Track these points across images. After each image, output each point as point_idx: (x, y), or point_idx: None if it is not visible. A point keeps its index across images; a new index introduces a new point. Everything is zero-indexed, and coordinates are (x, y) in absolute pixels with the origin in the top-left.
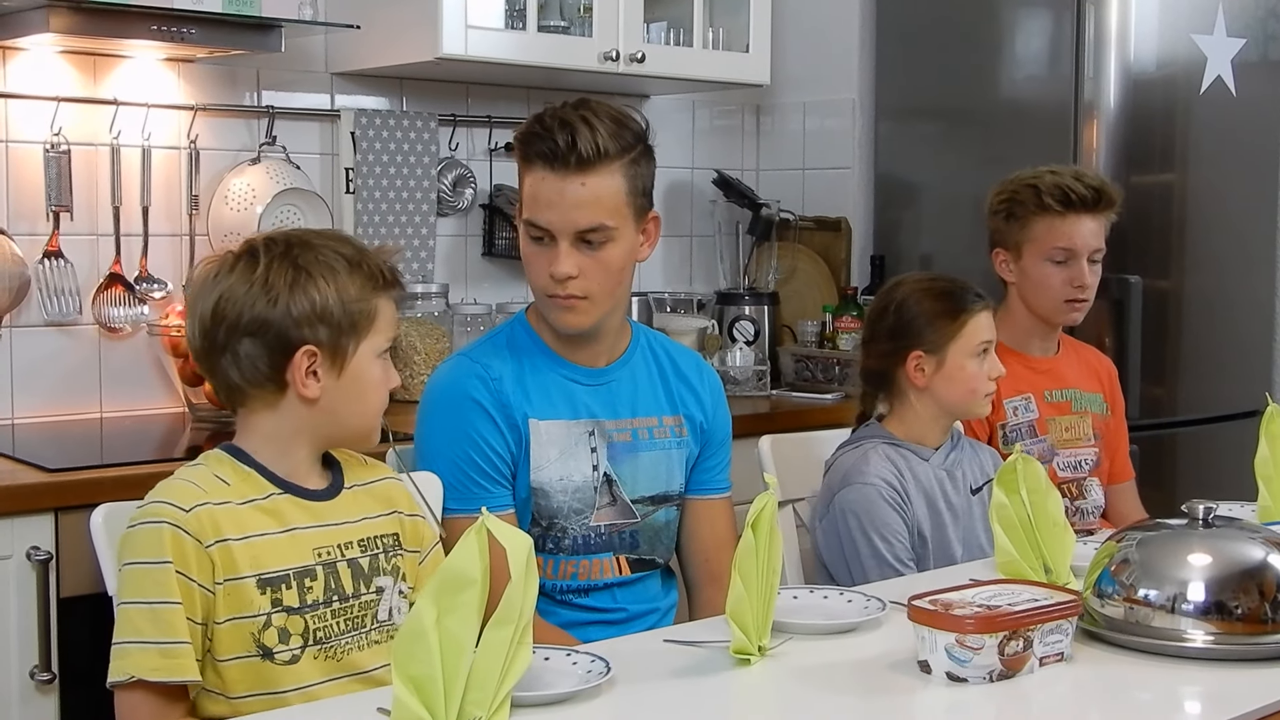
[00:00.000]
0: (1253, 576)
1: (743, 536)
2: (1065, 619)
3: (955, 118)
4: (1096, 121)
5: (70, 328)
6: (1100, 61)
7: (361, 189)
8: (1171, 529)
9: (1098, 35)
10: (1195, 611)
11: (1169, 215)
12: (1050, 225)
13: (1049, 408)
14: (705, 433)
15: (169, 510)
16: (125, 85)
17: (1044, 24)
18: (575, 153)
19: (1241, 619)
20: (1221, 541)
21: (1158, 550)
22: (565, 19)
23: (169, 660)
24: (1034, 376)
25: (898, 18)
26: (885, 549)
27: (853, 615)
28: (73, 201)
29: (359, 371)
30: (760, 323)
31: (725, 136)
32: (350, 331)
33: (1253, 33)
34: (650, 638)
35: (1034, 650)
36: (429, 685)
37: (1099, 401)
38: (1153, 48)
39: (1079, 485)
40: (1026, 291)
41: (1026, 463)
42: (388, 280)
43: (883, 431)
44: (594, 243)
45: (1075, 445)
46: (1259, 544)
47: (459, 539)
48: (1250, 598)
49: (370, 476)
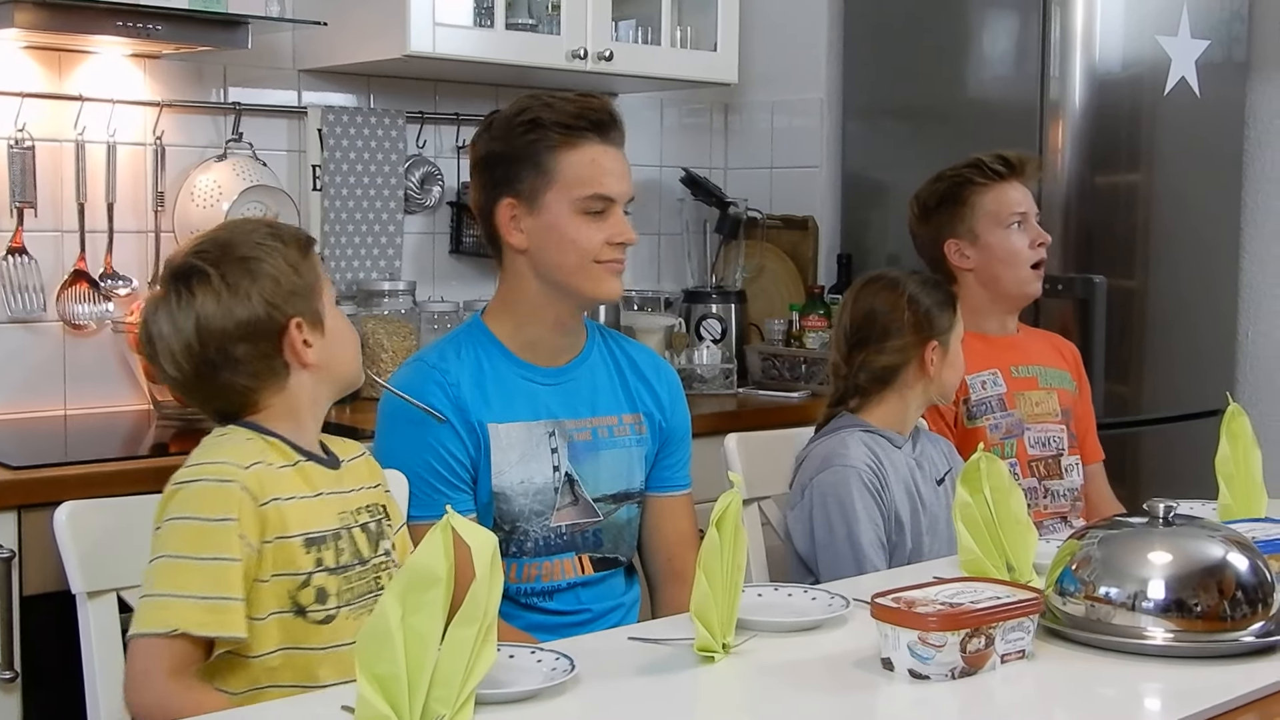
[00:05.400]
0: (1213, 574)
1: (707, 534)
2: (1027, 617)
3: (922, 117)
4: (1062, 122)
5: (34, 324)
6: (1066, 62)
7: (329, 186)
8: (1132, 527)
9: (1063, 36)
10: (1156, 609)
11: (1133, 215)
12: (999, 194)
13: (1016, 382)
14: (665, 430)
15: (232, 470)
16: (90, 81)
17: (1010, 24)
18: (617, 126)
19: (1201, 616)
20: (1182, 540)
21: (1119, 548)
22: (533, 17)
23: (217, 615)
24: (998, 352)
25: (865, 17)
26: (862, 532)
27: (816, 613)
28: (37, 198)
29: (333, 324)
30: (727, 321)
31: (693, 135)
32: (313, 293)
33: (1217, 34)
34: (614, 635)
35: (996, 647)
36: (393, 683)
37: (1066, 378)
38: (1118, 48)
39: (1049, 464)
40: (992, 267)
41: (990, 461)
42: (307, 240)
43: (858, 420)
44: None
45: (1045, 420)
46: (1219, 542)
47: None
48: (1210, 595)
49: (352, 453)
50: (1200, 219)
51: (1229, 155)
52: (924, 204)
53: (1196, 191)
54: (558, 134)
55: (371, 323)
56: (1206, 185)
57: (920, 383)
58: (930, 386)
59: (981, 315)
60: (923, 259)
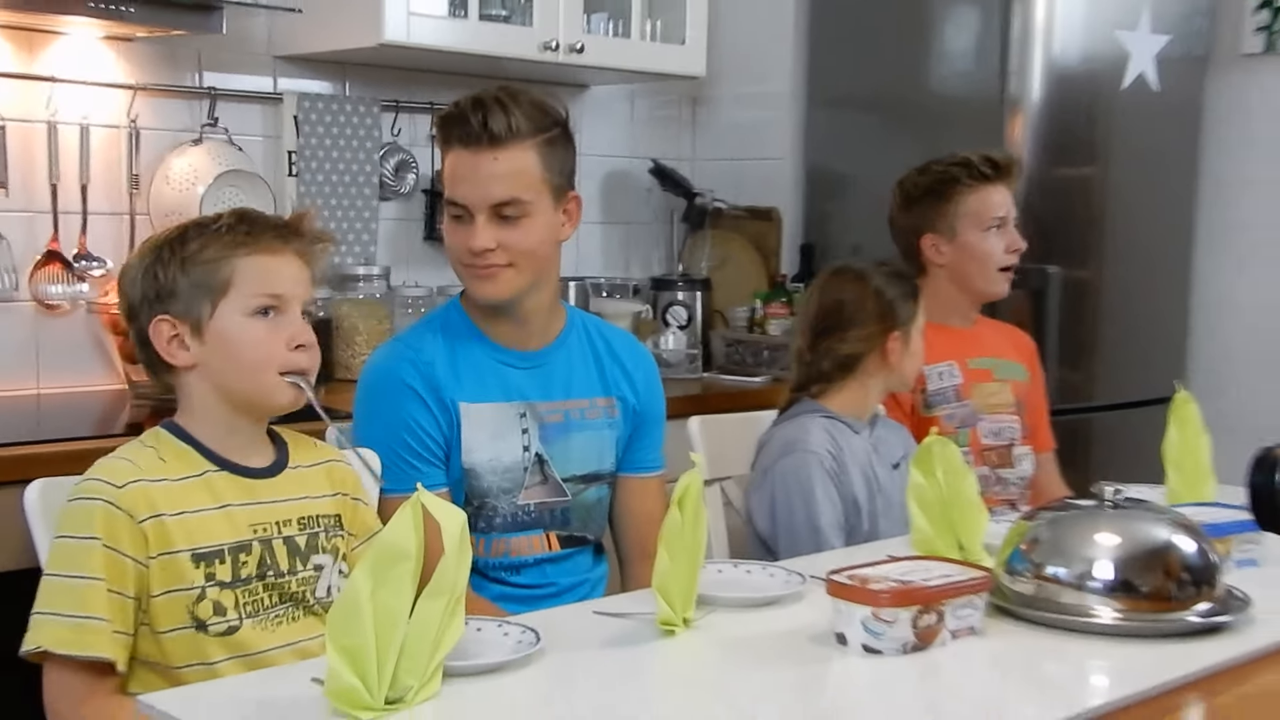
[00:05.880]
0: (1158, 556)
1: (669, 513)
2: (977, 594)
3: (885, 111)
4: (1021, 115)
5: (6, 304)
6: (1026, 57)
7: (304, 172)
8: (1081, 509)
9: (1024, 31)
10: (1103, 589)
11: (1089, 207)
12: (984, 196)
13: (972, 374)
14: (638, 414)
15: (102, 487)
16: (63, 62)
17: (972, 19)
18: (488, 131)
19: (1147, 597)
20: (1129, 522)
21: (1067, 530)
22: (507, 8)
23: (80, 635)
24: (955, 345)
25: (830, 12)
26: (821, 515)
27: (774, 589)
28: (8, 178)
29: (223, 332)
30: (693, 308)
31: (662, 127)
32: (202, 296)
33: (1177, 29)
34: (580, 609)
35: (946, 624)
36: (362, 656)
37: (1020, 370)
38: (1078, 43)
39: (1001, 453)
40: (965, 266)
41: (943, 445)
42: (248, 241)
43: (819, 406)
44: (510, 216)
45: (998, 411)
46: (1165, 525)
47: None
48: (1155, 576)
49: (317, 458)
50: (1155, 212)
51: (1185, 149)
52: (908, 193)
53: (1152, 185)
54: (441, 135)
55: (346, 306)
56: (1162, 179)
57: (881, 371)
58: (891, 375)
59: (946, 309)
60: (896, 245)
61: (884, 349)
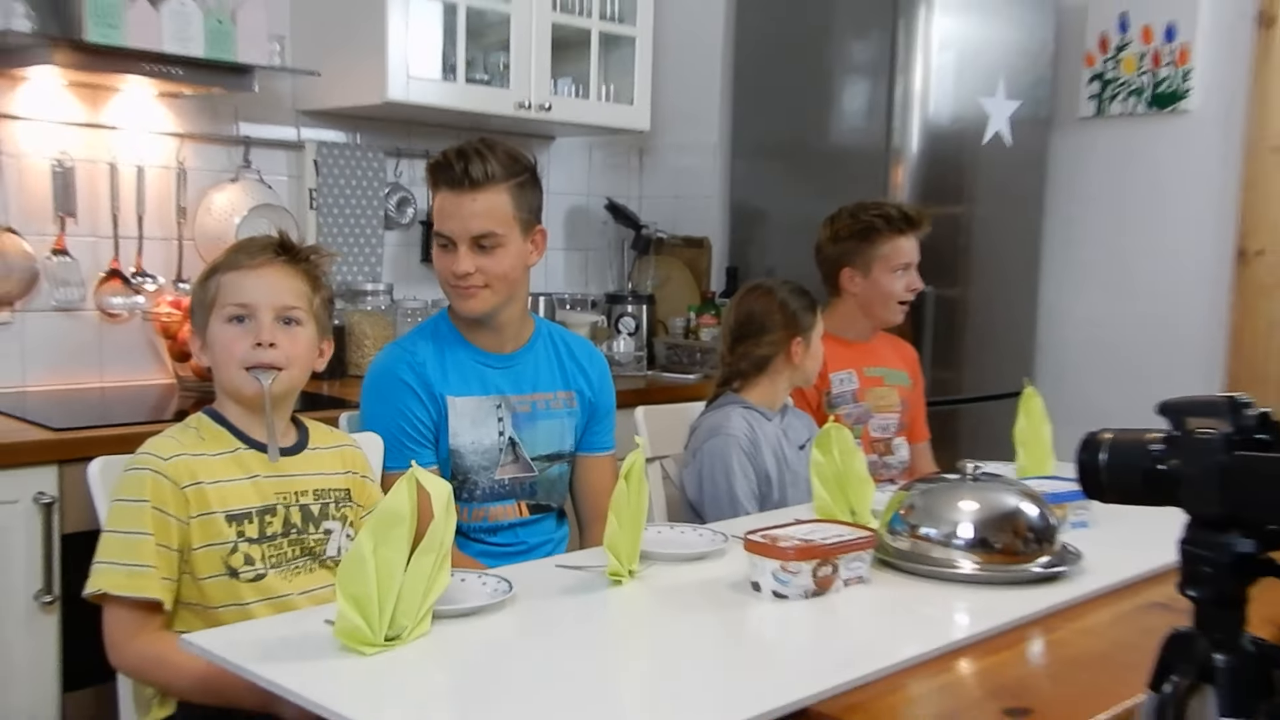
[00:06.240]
0: (1009, 519)
1: (617, 484)
2: (864, 550)
3: (793, 159)
4: (903, 164)
5: (75, 313)
6: (906, 117)
7: (322, 206)
8: (948, 481)
9: (904, 96)
10: (965, 545)
11: (956, 239)
12: (896, 244)
13: (867, 380)
14: (593, 404)
15: (151, 460)
16: (123, 114)
17: (864, 86)
18: (468, 176)
19: (1000, 551)
20: (986, 492)
21: (937, 498)
22: (488, 74)
23: (133, 579)
24: (855, 356)
25: (749, 79)
26: (739, 487)
27: (703, 546)
28: (77, 209)
29: (212, 338)
30: (639, 318)
31: (614, 171)
32: (203, 311)
33: (1026, 96)
34: (545, 563)
35: (840, 574)
36: (366, 602)
37: (904, 377)
38: (947, 107)
39: (887, 443)
40: (871, 299)
41: (839, 430)
42: (229, 263)
43: (739, 399)
44: (487, 246)
45: (886, 411)
46: (1014, 494)
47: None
48: (1007, 535)
49: (333, 442)
50: (1009, 243)
51: (1032, 192)
52: (837, 231)
53: (1007, 221)
54: (431, 179)
55: (357, 315)
56: (1015, 217)
57: (787, 370)
58: (795, 373)
59: (850, 327)
60: (819, 270)
61: (789, 351)
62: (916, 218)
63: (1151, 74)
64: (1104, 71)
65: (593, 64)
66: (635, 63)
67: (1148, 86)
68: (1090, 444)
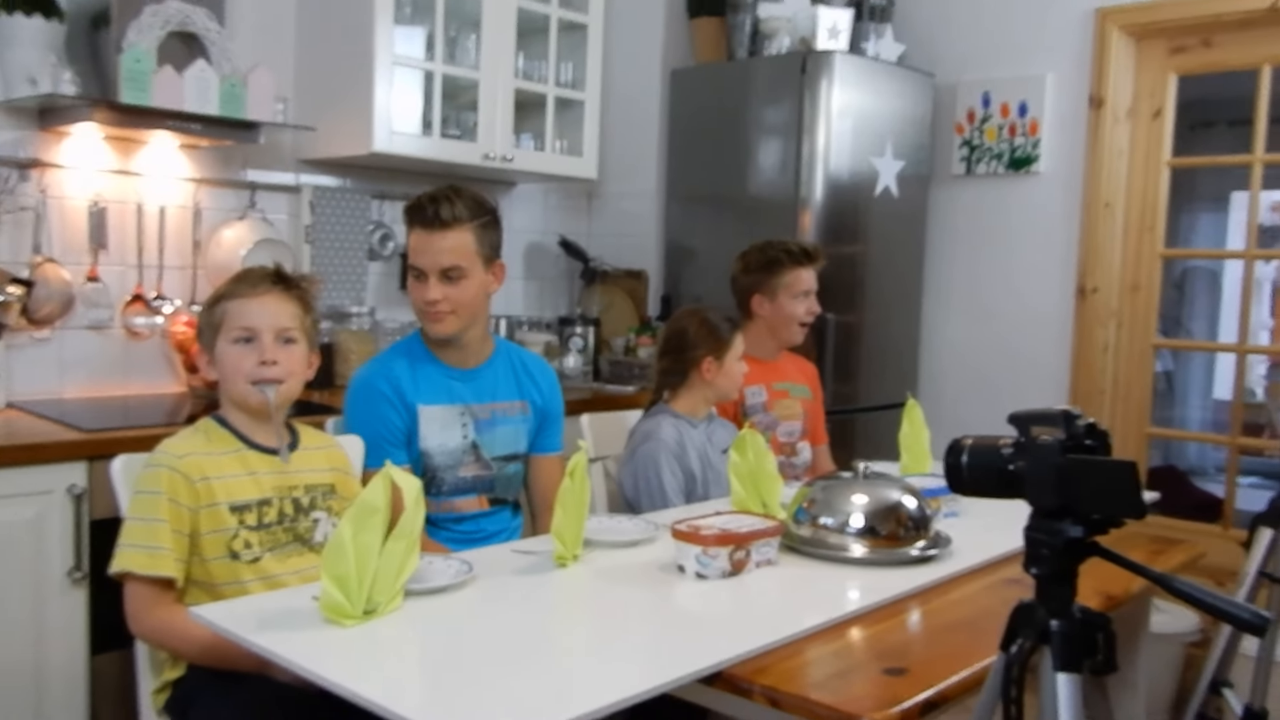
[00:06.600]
0: (893, 510)
1: (563, 480)
2: (773, 537)
3: (719, 204)
4: (809, 210)
5: (104, 331)
6: (811, 171)
7: (316, 240)
8: (843, 479)
9: (810, 153)
10: (856, 533)
11: (853, 273)
12: (798, 274)
13: (775, 394)
14: (544, 412)
15: (167, 457)
16: (149, 163)
17: (777, 145)
18: (439, 218)
19: (885, 538)
20: (874, 487)
21: (833, 492)
22: (459, 129)
23: (151, 559)
24: (765, 373)
25: (683, 137)
26: (668, 485)
27: (637, 534)
28: (108, 242)
29: (220, 357)
30: (587, 338)
31: (568, 213)
32: (211, 332)
33: (909, 157)
34: (502, 549)
35: (752, 557)
36: (347, 580)
37: (806, 391)
38: (845, 163)
39: (793, 446)
40: (776, 321)
41: (753, 434)
42: (235, 291)
43: (669, 409)
44: (453, 277)
45: (791, 419)
46: (898, 489)
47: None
48: (891, 523)
49: (320, 444)
50: (897, 278)
51: (915, 236)
52: (748, 263)
53: (894, 259)
54: (407, 218)
55: (344, 334)
56: (901, 255)
57: (702, 385)
58: (709, 389)
59: (761, 347)
60: (734, 297)
61: (700, 368)
62: (814, 252)
63: (1009, 142)
64: (971, 139)
65: (549, 122)
66: (585, 122)
67: (1006, 152)
68: (954, 448)
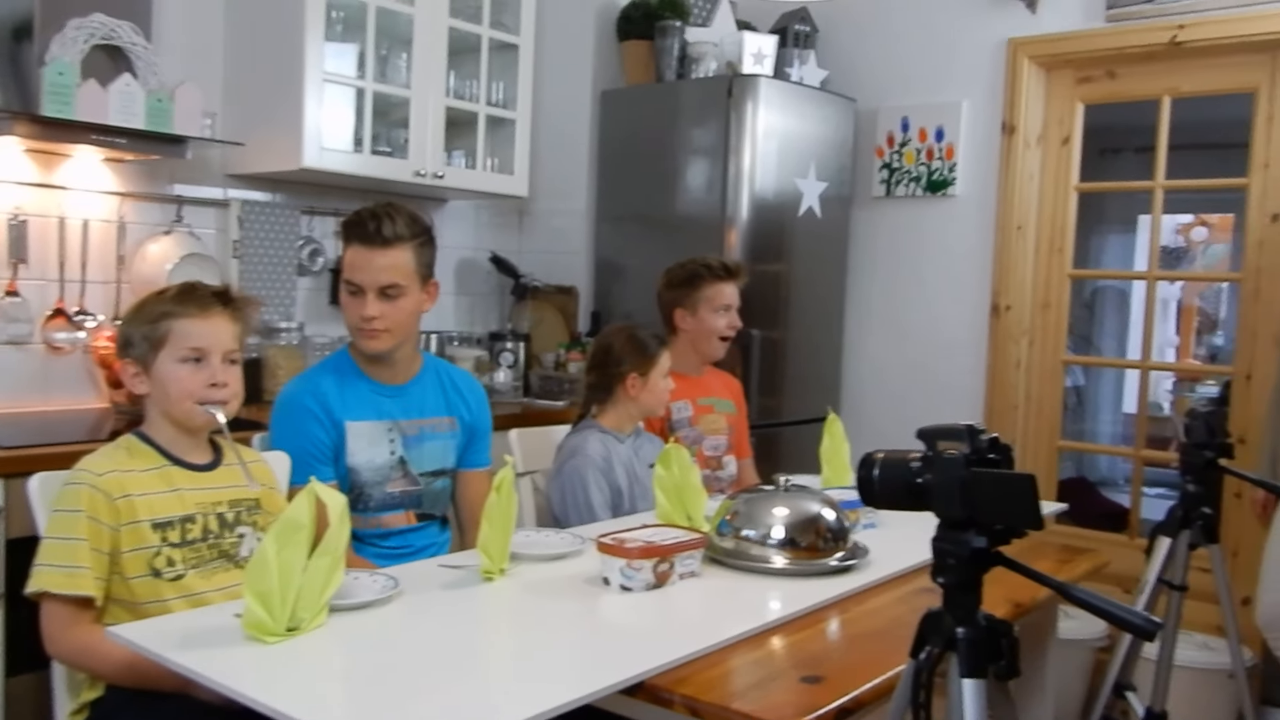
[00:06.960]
0: (813, 522)
1: (489, 495)
2: (696, 549)
3: (648, 223)
4: (735, 229)
5: (24, 346)
6: (738, 191)
7: (245, 256)
8: (765, 492)
9: (736, 174)
10: (777, 544)
11: (778, 291)
12: (719, 289)
13: (700, 409)
14: (472, 427)
15: (87, 475)
16: (72, 176)
17: (704, 166)
18: (380, 235)
19: (805, 549)
20: (795, 500)
21: (755, 505)
22: (391, 146)
23: (69, 579)
24: (689, 388)
25: (612, 157)
26: (594, 499)
27: (563, 547)
28: (28, 255)
29: (161, 373)
30: (517, 353)
31: (499, 229)
32: (148, 347)
33: (832, 179)
34: (430, 563)
35: (676, 569)
36: (270, 597)
37: (731, 406)
38: (771, 184)
39: (718, 460)
40: (698, 335)
41: (678, 450)
42: (181, 308)
43: (596, 424)
44: (391, 295)
45: (716, 433)
46: (817, 502)
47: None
48: (810, 535)
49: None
50: (820, 295)
51: (837, 255)
52: (671, 279)
53: (817, 277)
54: (345, 234)
55: (273, 350)
56: (823, 273)
57: (626, 400)
58: (633, 405)
59: (685, 362)
60: (660, 312)
61: (625, 384)
62: (734, 268)
63: (926, 166)
64: (891, 162)
65: (480, 141)
66: (516, 140)
67: (924, 175)
68: (867, 462)
